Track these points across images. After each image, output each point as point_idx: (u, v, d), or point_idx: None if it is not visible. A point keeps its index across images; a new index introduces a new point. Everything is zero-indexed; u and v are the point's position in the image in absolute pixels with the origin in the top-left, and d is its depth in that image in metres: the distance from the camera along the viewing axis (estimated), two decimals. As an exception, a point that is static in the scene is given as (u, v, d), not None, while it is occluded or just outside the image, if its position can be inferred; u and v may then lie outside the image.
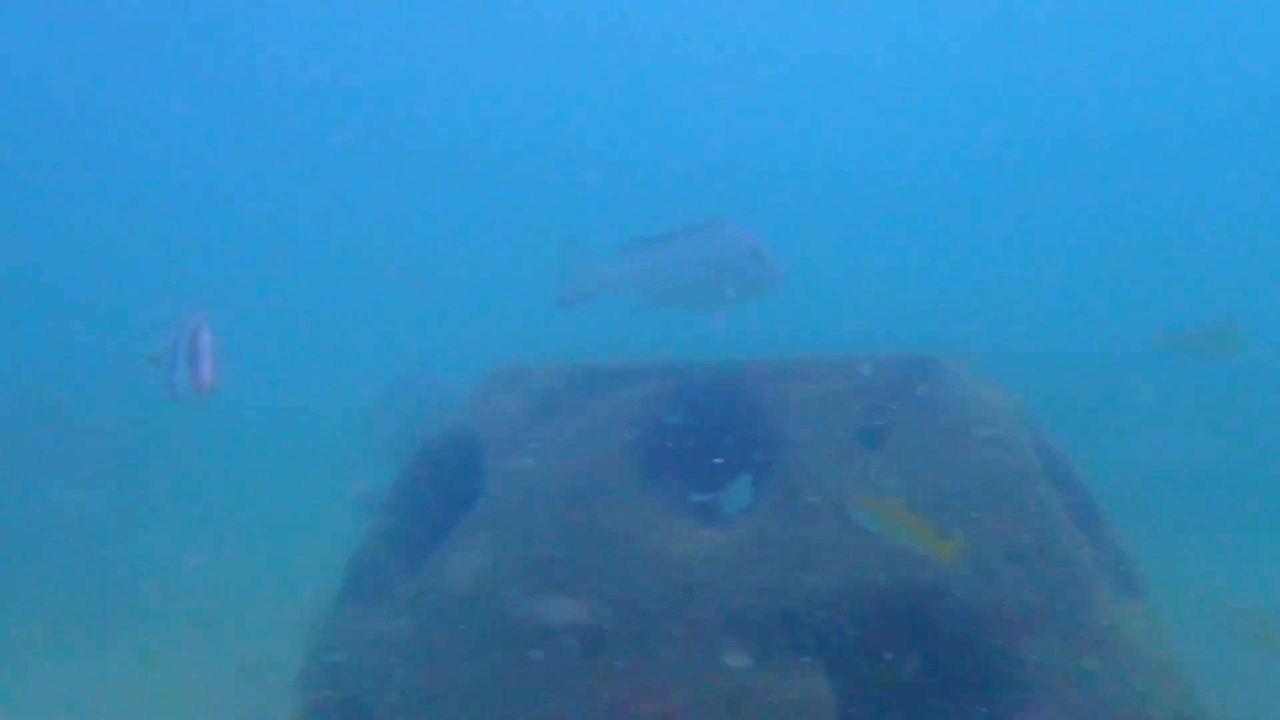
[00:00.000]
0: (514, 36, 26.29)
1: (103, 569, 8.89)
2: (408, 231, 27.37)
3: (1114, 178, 23.52)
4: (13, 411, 10.71)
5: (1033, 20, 25.53)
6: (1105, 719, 3.47)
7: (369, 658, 4.26)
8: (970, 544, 3.79)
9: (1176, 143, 23.67)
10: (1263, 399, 9.97)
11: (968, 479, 3.87)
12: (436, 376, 7.82)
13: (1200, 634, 4.57)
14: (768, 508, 3.95)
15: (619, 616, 3.82)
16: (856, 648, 3.74)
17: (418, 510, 4.69)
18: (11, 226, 22.18)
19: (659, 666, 3.72)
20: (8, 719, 6.18)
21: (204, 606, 7.85)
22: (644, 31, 27.45)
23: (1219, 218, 20.17)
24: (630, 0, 27.02)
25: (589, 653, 3.80)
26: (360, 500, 6.76)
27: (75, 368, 13.87)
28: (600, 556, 3.93)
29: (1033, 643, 3.62)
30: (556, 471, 4.21)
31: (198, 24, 22.02)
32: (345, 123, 25.82)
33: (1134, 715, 3.49)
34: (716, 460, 4.30)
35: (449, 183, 28.02)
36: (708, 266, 4.14)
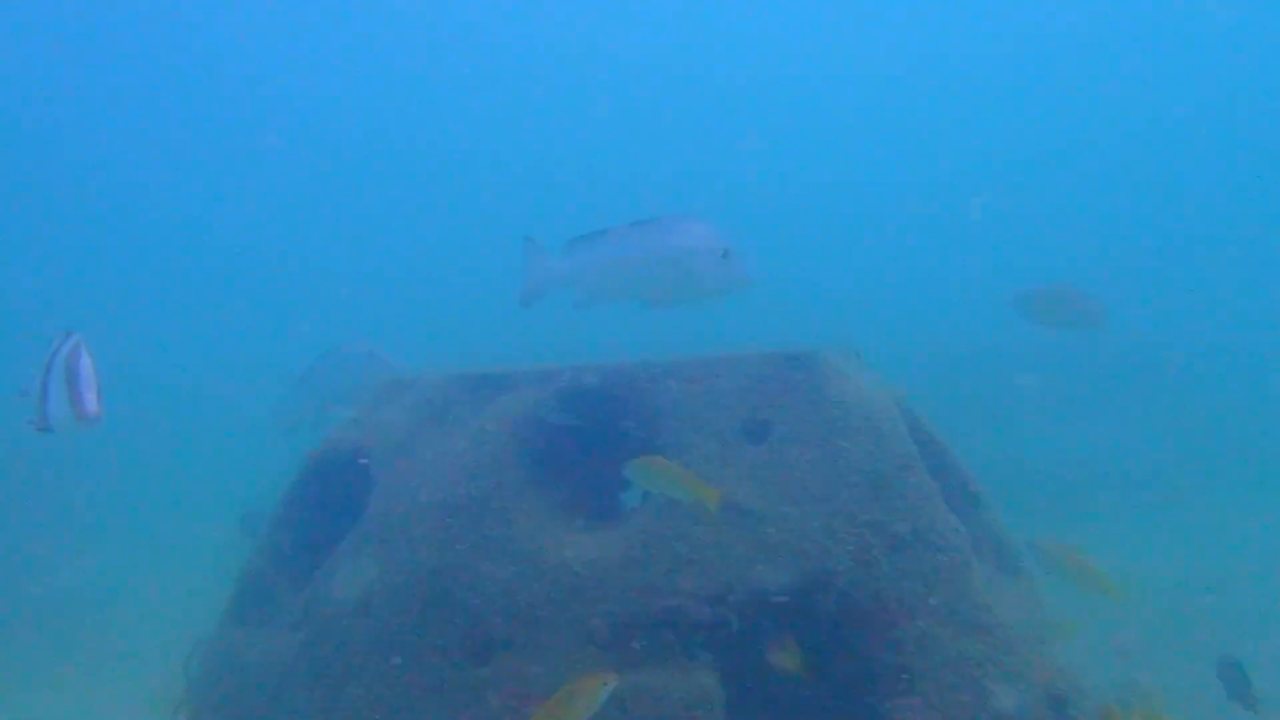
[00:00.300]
0: (482, 35, 26.17)
1: (18, 604, 8.52)
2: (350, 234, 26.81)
3: (1007, 175, 24.40)
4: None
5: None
6: (980, 700, 3.57)
7: (256, 677, 4.16)
8: (851, 536, 3.87)
9: (1076, 145, 24.67)
10: (1147, 389, 10.40)
11: (847, 470, 3.94)
12: (376, 349, 7.42)
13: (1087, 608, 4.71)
14: (653, 508, 3.97)
15: (506, 623, 3.80)
16: (743, 642, 3.78)
17: (304, 525, 4.60)
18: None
19: (547, 670, 3.71)
20: None
21: (126, 638, 7.60)
22: (626, 32, 27.58)
23: (1112, 217, 21.04)
24: (608, 5, 27.13)
25: (477, 660, 3.78)
26: (246, 519, 6.57)
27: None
28: (486, 564, 3.90)
29: (912, 628, 3.70)
30: (444, 480, 4.16)
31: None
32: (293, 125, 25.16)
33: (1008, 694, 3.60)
34: (604, 462, 4.30)
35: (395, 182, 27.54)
36: (675, 265, 3.92)
